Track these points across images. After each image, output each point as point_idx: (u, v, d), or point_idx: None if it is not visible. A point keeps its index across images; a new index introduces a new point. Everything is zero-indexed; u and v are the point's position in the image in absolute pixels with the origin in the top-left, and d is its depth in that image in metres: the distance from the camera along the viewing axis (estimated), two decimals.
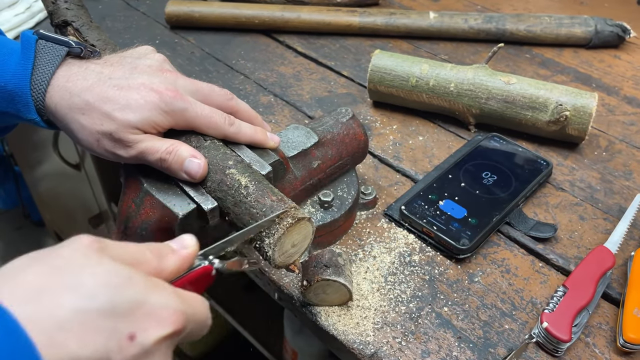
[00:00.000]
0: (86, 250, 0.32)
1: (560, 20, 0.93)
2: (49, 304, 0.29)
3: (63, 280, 0.30)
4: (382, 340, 0.53)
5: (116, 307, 0.30)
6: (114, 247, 0.33)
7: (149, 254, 0.35)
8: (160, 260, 0.36)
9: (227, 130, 0.51)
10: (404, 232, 0.64)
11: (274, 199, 0.46)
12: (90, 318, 0.29)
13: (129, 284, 0.31)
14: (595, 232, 0.64)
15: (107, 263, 0.31)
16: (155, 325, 0.31)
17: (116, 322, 0.30)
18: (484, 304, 0.57)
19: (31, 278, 0.30)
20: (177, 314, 0.32)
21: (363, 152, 0.65)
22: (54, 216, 1.66)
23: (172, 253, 0.37)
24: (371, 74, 0.78)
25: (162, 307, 0.32)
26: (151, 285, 0.32)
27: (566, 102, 0.70)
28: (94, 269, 0.31)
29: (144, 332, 0.31)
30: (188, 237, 0.39)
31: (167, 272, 0.36)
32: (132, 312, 0.31)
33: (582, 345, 0.54)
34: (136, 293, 0.31)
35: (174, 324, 0.32)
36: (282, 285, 0.58)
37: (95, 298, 0.30)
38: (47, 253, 0.31)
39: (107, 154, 0.50)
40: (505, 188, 0.66)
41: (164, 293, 0.33)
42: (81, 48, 0.51)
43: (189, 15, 0.96)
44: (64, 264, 0.31)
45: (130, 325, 0.30)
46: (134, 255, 0.34)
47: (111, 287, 0.30)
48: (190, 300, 0.35)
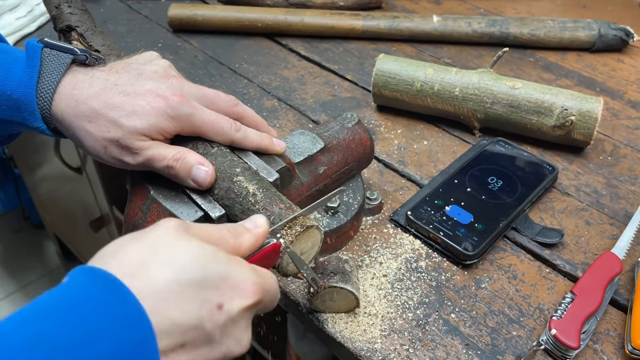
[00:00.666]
0: (175, 230, 0.36)
1: (563, 24, 0.93)
2: (151, 277, 0.33)
3: (160, 256, 0.34)
4: (390, 347, 0.53)
5: (206, 279, 0.34)
6: (197, 228, 0.37)
7: (227, 233, 0.39)
8: (236, 239, 0.39)
9: (234, 136, 0.51)
10: (410, 238, 0.63)
11: (282, 207, 0.46)
12: (185, 289, 0.33)
13: (214, 259, 0.35)
14: (601, 237, 0.64)
15: (195, 241, 0.35)
16: (239, 296, 0.35)
17: (207, 293, 0.34)
18: (491, 310, 0.57)
19: (132, 254, 0.34)
20: (256, 286, 0.36)
21: (369, 157, 0.64)
22: (54, 219, 1.66)
23: (246, 232, 0.40)
24: (375, 78, 0.77)
25: (244, 280, 0.36)
26: (232, 261, 0.36)
27: (571, 106, 0.70)
28: (185, 246, 0.35)
29: (230, 302, 0.35)
30: (260, 217, 0.42)
31: (243, 249, 0.39)
32: (219, 284, 0.35)
33: (591, 352, 0.53)
34: (221, 267, 0.35)
35: (255, 295, 0.36)
36: (289, 291, 0.58)
37: (187, 271, 0.34)
38: (143, 233, 0.36)
39: (114, 161, 0.49)
40: (511, 193, 0.66)
41: (244, 268, 0.37)
42: (86, 55, 0.50)
43: (191, 18, 0.96)
44: (159, 242, 0.35)
45: (218, 296, 0.34)
46: (214, 235, 0.38)
47: (200, 262, 0.34)
48: (264, 275, 0.39)
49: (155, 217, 0.48)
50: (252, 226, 0.41)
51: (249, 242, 0.40)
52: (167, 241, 0.35)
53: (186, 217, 0.47)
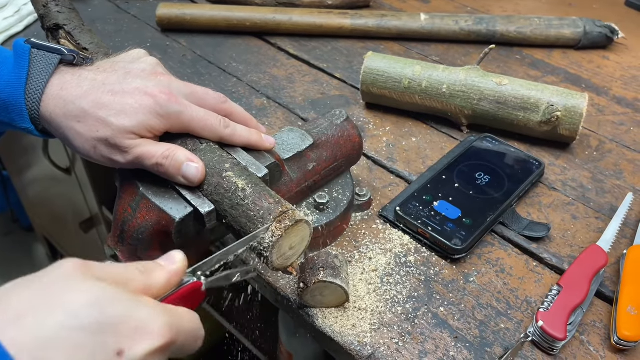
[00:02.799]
0: (70, 272, 0.32)
1: (549, 22, 0.94)
2: (33, 325, 0.29)
3: (47, 301, 0.30)
4: (380, 341, 0.54)
5: (101, 323, 0.31)
6: (99, 268, 0.34)
7: (136, 271, 0.36)
8: (148, 277, 0.36)
9: (223, 133, 0.51)
10: (399, 233, 0.64)
11: (271, 202, 0.46)
12: (75, 335, 0.30)
13: (113, 301, 0.32)
14: (587, 231, 0.65)
15: (92, 283, 0.32)
16: (143, 339, 0.32)
17: (102, 338, 0.30)
18: (479, 303, 0.57)
19: (15, 301, 0.30)
20: (165, 326, 0.33)
21: (358, 153, 0.65)
22: (44, 221, 1.65)
23: (159, 269, 0.37)
24: (364, 75, 0.78)
25: (149, 321, 0.32)
26: (137, 301, 0.33)
27: (557, 102, 0.71)
28: (78, 289, 0.31)
29: (132, 347, 0.31)
30: (176, 252, 0.39)
31: (155, 289, 0.36)
32: (118, 327, 0.31)
33: (577, 343, 0.54)
34: (121, 309, 0.32)
35: (163, 337, 0.32)
36: (279, 287, 0.58)
37: (79, 316, 0.30)
38: (32, 278, 0.32)
39: (104, 160, 0.50)
40: (498, 188, 0.67)
41: (150, 307, 0.33)
42: (74, 55, 0.50)
43: (180, 18, 0.96)
44: (48, 287, 0.31)
45: (117, 341, 0.31)
46: (120, 274, 0.35)
47: (95, 305, 0.31)
48: (178, 314, 0.35)
49: (144, 213, 0.48)
50: (166, 263, 0.38)
51: (162, 280, 0.37)
52: (61, 284, 0.32)
53: (176, 213, 0.47)
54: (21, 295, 0.31)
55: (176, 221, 0.47)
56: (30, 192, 1.57)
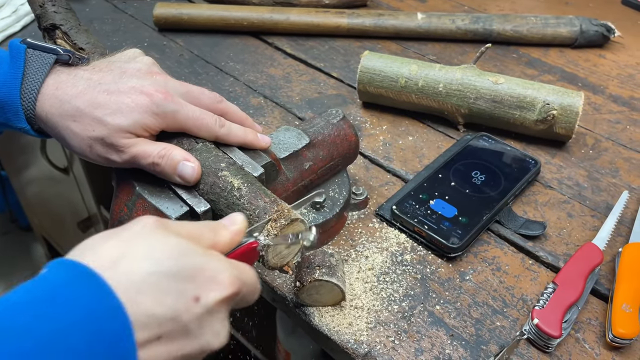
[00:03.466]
0: (152, 226, 0.36)
1: (546, 21, 0.94)
2: (127, 269, 0.33)
3: (136, 249, 0.34)
4: (376, 339, 0.54)
5: (181, 272, 0.34)
6: (175, 224, 0.38)
7: (205, 229, 0.40)
8: (215, 235, 0.40)
9: (218, 132, 0.51)
10: (396, 232, 0.64)
11: (267, 201, 0.46)
12: (160, 281, 0.33)
13: (190, 253, 0.36)
14: (583, 229, 0.65)
15: (171, 236, 0.36)
16: (215, 288, 0.36)
17: (182, 285, 0.34)
18: (475, 301, 0.57)
19: (109, 248, 0.34)
20: (233, 278, 0.37)
21: (354, 153, 0.65)
22: (42, 221, 1.65)
23: (224, 229, 0.41)
24: (361, 75, 0.78)
25: (220, 272, 0.36)
26: (209, 255, 0.37)
27: (553, 101, 0.71)
28: (161, 241, 0.35)
29: (206, 294, 0.35)
30: (238, 215, 0.42)
31: (221, 245, 0.40)
32: (195, 277, 0.35)
33: (573, 341, 0.54)
34: (197, 260, 0.35)
35: (231, 287, 0.36)
36: (275, 286, 0.58)
37: (163, 264, 0.34)
38: (120, 230, 0.36)
39: (100, 160, 0.50)
40: (494, 187, 0.67)
41: (221, 261, 0.37)
42: (69, 55, 0.51)
43: (177, 17, 0.96)
44: (136, 237, 0.35)
45: (194, 288, 0.35)
46: (192, 231, 0.38)
47: (176, 255, 0.35)
48: (242, 268, 0.39)
49: (140, 212, 0.48)
50: (229, 223, 0.42)
51: (227, 238, 0.40)
52: (144, 236, 0.35)
53: (172, 212, 0.47)
54: (112, 244, 0.34)
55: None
56: (29, 192, 1.57)
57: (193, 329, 0.34)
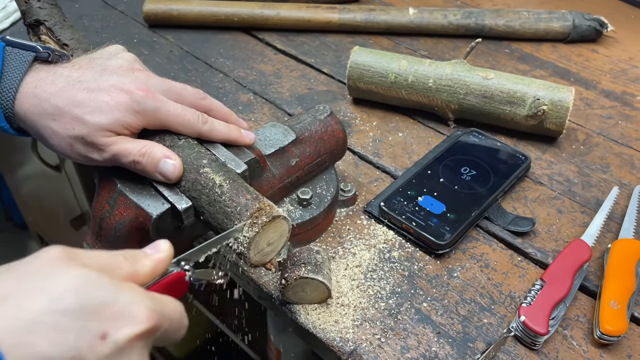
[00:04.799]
0: (56, 258, 0.32)
1: (538, 15, 0.93)
2: (16, 308, 0.29)
3: (31, 285, 0.30)
4: (362, 337, 0.53)
5: (84, 307, 0.31)
6: (84, 255, 0.34)
7: (122, 258, 0.36)
8: (133, 264, 0.36)
9: (201, 129, 0.51)
10: (384, 229, 0.64)
11: (249, 197, 0.46)
12: (58, 319, 0.30)
13: (97, 285, 0.32)
14: (573, 225, 0.65)
15: (76, 269, 0.32)
16: (127, 324, 0.32)
17: (86, 322, 0.30)
18: (463, 298, 0.57)
19: (0, 285, 0.30)
20: (149, 312, 0.33)
21: (342, 149, 0.64)
22: (37, 218, 1.64)
23: (145, 257, 0.37)
24: (350, 70, 0.77)
25: (133, 305, 0.32)
26: (121, 287, 0.33)
27: (543, 96, 0.71)
28: (62, 274, 0.31)
29: (115, 331, 0.31)
30: (163, 242, 0.39)
31: (141, 276, 0.36)
32: (102, 311, 0.31)
33: (560, 338, 0.54)
34: (105, 293, 0.32)
35: (148, 321, 0.33)
36: (262, 284, 0.58)
37: (62, 299, 0.30)
38: (16, 264, 0.32)
39: (81, 158, 0.49)
40: (484, 183, 0.66)
41: (134, 293, 0.33)
42: (49, 52, 0.50)
43: (167, 13, 0.95)
44: (33, 272, 0.31)
45: (100, 325, 0.31)
46: (105, 261, 0.35)
47: (79, 289, 0.31)
48: (162, 300, 0.35)
49: (122, 210, 0.48)
50: (152, 251, 0.38)
51: (147, 268, 0.37)
52: (45, 270, 0.32)
53: (153, 209, 0.47)
54: (6, 279, 0.31)
55: (153, 218, 0.47)
56: (23, 190, 1.57)
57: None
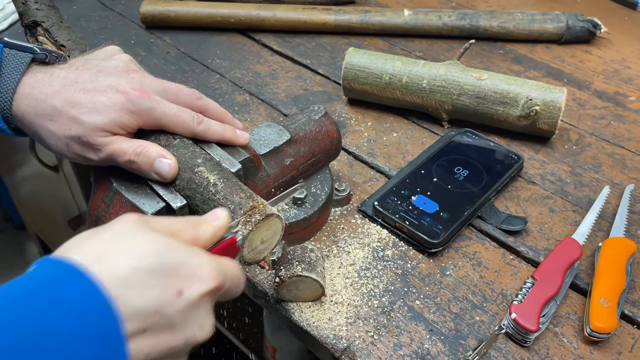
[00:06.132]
0: (134, 224, 0.37)
1: (532, 17, 0.94)
2: (111, 265, 0.34)
3: (120, 246, 0.35)
4: (355, 334, 0.54)
5: (163, 267, 0.35)
6: (157, 221, 0.38)
7: (187, 224, 0.40)
8: (197, 230, 0.40)
9: (196, 129, 0.51)
10: (378, 228, 0.64)
11: (243, 196, 0.46)
12: (144, 276, 0.34)
13: (172, 248, 0.36)
14: (564, 224, 0.65)
15: (153, 233, 0.36)
16: (198, 282, 0.36)
17: (165, 280, 0.35)
18: (455, 296, 0.58)
19: (93, 245, 0.35)
20: (215, 272, 0.37)
21: (336, 149, 0.65)
22: (35, 219, 1.65)
23: (206, 223, 0.41)
24: (345, 71, 0.78)
25: (202, 266, 0.37)
26: (190, 250, 0.37)
27: (536, 96, 0.71)
28: (143, 237, 0.36)
29: (189, 288, 0.36)
30: (221, 210, 0.43)
31: (203, 240, 0.40)
32: (177, 271, 0.36)
33: (551, 335, 0.55)
34: (179, 256, 0.36)
35: (214, 281, 0.37)
36: (256, 282, 0.59)
37: (146, 259, 0.35)
38: (102, 228, 0.37)
39: (77, 158, 0.50)
40: (477, 182, 0.67)
41: (202, 256, 0.38)
42: (45, 54, 0.51)
43: (164, 14, 0.96)
44: (117, 236, 0.36)
45: (177, 282, 0.35)
46: (174, 227, 0.39)
47: (158, 251, 0.35)
48: (224, 262, 0.40)
49: (117, 208, 0.48)
50: (212, 218, 0.42)
51: (209, 233, 0.41)
52: (126, 233, 0.36)
53: (148, 208, 0.48)
54: (95, 242, 0.35)
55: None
56: (21, 190, 1.57)
57: (177, 322, 0.35)
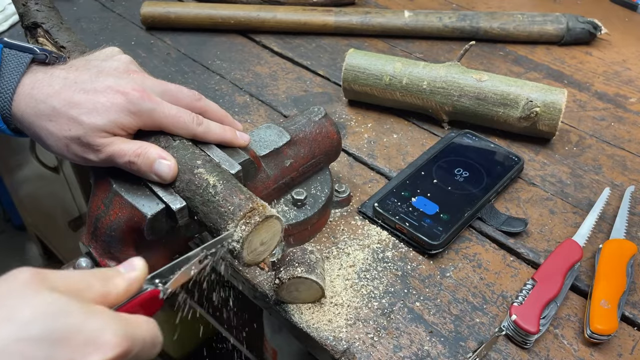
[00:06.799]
0: (24, 283, 0.32)
1: (532, 18, 0.94)
2: None
3: (0, 311, 0.30)
4: (355, 336, 0.54)
5: (53, 335, 0.30)
6: (54, 277, 0.33)
7: (93, 279, 0.35)
8: (105, 284, 0.36)
9: (196, 130, 0.51)
10: (378, 229, 0.64)
11: (242, 198, 0.46)
12: (26, 347, 0.30)
13: (65, 312, 0.32)
14: (565, 225, 0.65)
15: (44, 293, 0.32)
16: (95, 351, 0.31)
17: (53, 351, 0.30)
18: (455, 298, 0.58)
19: None
20: (119, 337, 0.33)
21: (336, 150, 0.65)
22: (35, 220, 1.65)
23: (119, 276, 0.37)
24: (345, 72, 0.78)
25: (101, 331, 0.32)
26: (90, 312, 0.33)
27: (536, 98, 0.71)
28: (30, 300, 0.31)
29: (84, 358, 0.31)
30: (137, 259, 0.39)
31: (113, 296, 0.36)
32: (70, 339, 0.31)
33: (551, 337, 0.55)
34: (73, 321, 0.31)
35: (117, 347, 0.32)
36: (256, 284, 0.59)
37: (30, 327, 0.30)
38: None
39: (77, 159, 0.50)
40: (477, 184, 0.67)
41: (104, 318, 0.33)
42: (46, 54, 0.51)
43: (164, 16, 0.96)
44: (1, 297, 0.31)
45: (68, 353, 0.31)
46: (76, 283, 0.34)
47: (47, 316, 0.31)
48: (134, 322, 0.35)
49: (117, 210, 0.48)
50: (126, 269, 0.38)
51: (121, 287, 0.36)
52: (13, 295, 0.32)
53: (147, 209, 0.48)
54: None
55: (148, 218, 0.47)
56: (22, 192, 1.57)
57: None
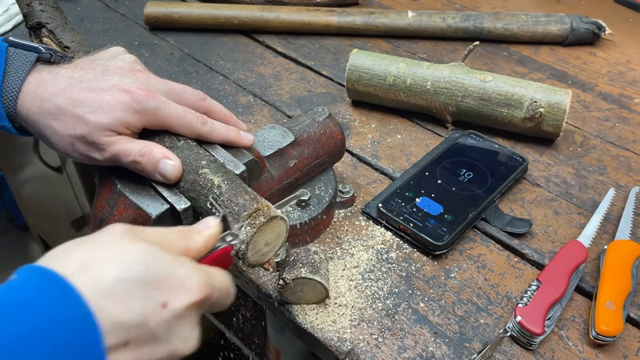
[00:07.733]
0: (122, 234, 0.36)
1: (536, 19, 0.94)
2: (94, 276, 0.33)
3: (103, 257, 0.34)
4: (359, 337, 0.54)
5: (148, 278, 0.35)
6: (145, 231, 0.38)
7: (177, 235, 0.40)
8: (187, 240, 0.40)
9: (200, 130, 0.51)
10: (382, 230, 0.64)
11: (247, 198, 0.46)
12: (127, 288, 0.34)
13: (158, 259, 0.36)
14: (569, 226, 0.65)
15: (140, 243, 0.36)
16: (183, 294, 0.36)
17: (150, 291, 0.34)
18: (459, 299, 0.57)
19: (78, 255, 0.34)
20: (202, 284, 0.37)
21: (340, 150, 0.65)
22: (38, 220, 1.65)
23: (197, 234, 0.41)
24: (349, 73, 0.78)
25: (188, 278, 0.36)
26: (178, 261, 0.37)
27: (540, 98, 0.71)
28: (130, 248, 0.35)
29: (174, 300, 0.35)
30: (211, 219, 0.43)
31: (193, 251, 0.40)
32: (163, 283, 0.35)
33: (556, 338, 0.54)
34: (165, 267, 0.36)
35: (200, 292, 0.36)
36: (260, 284, 0.58)
37: (131, 271, 0.34)
38: (88, 238, 0.36)
39: (82, 158, 0.50)
40: (481, 184, 0.67)
41: (190, 267, 0.37)
42: (51, 53, 0.51)
43: (168, 16, 0.96)
44: (103, 246, 0.35)
45: (162, 294, 0.35)
46: (162, 237, 0.39)
47: (144, 262, 0.35)
48: (213, 273, 0.39)
49: (121, 210, 0.48)
50: (202, 228, 0.42)
51: (199, 243, 0.41)
52: (112, 243, 0.35)
53: (152, 210, 0.48)
54: (80, 252, 0.35)
55: (152, 218, 0.47)
56: (24, 192, 1.57)
57: (161, 334, 0.34)
